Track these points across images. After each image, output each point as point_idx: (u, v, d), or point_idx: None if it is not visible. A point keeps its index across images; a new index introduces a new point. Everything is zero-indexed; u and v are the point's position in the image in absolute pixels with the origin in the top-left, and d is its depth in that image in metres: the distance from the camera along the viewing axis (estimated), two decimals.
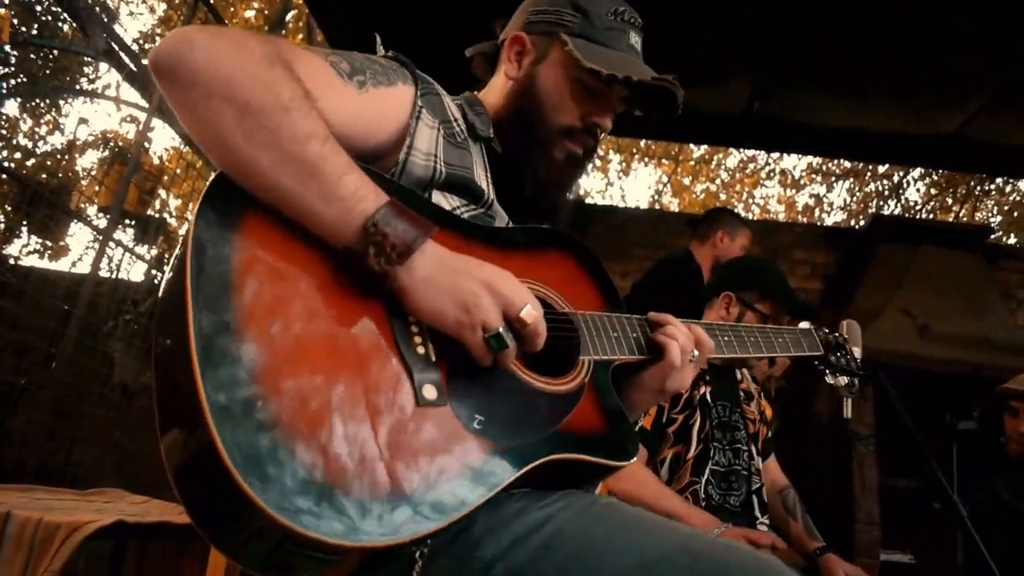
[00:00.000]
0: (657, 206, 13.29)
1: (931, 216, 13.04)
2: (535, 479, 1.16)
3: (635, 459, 1.27)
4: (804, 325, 1.90)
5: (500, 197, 1.51)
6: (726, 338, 1.58)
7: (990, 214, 13.10)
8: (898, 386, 2.45)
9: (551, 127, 1.49)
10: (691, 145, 13.15)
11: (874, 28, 4.52)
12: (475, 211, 1.40)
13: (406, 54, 1.43)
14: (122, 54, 4.93)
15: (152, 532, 2.31)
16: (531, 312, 1.13)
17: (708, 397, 2.72)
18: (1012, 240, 12.39)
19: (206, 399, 0.84)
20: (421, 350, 1.09)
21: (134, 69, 4.72)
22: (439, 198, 1.34)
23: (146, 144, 5.08)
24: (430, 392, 1.05)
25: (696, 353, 1.46)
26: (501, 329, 1.10)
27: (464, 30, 1.77)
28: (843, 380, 1.97)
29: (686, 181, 13.58)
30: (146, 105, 4.83)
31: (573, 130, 1.50)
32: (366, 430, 0.94)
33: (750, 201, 14.11)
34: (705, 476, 2.55)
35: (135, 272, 14.23)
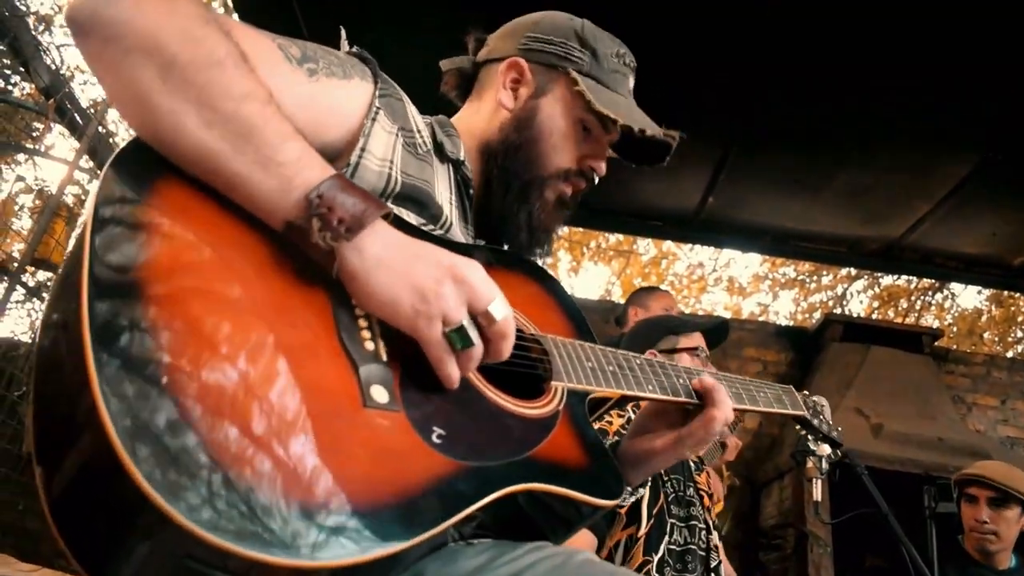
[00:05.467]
0: None
1: None
2: (500, 520, 0.98)
3: (619, 501, 1.09)
4: (785, 387, 1.75)
5: (477, 231, 1.40)
6: None
7: (930, 328, 13.39)
8: (855, 485, 2.34)
9: (549, 167, 1.38)
10: (639, 248, 13.33)
11: (828, 130, 4.64)
12: (431, 231, 1.26)
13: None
14: (73, 112, 4.76)
15: None
16: (501, 307, 0.96)
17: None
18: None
19: (99, 385, 0.65)
20: (370, 346, 0.92)
21: (78, 120, 4.54)
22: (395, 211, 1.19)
23: (82, 196, 4.84)
24: (380, 394, 0.87)
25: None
26: (465, 323, 0.92)
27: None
28: (826, 449, 1.81)
29: (636, 282, 13.66)
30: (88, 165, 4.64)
31: (569, 172, 1.40)
32: (296, 427, 0.76)
33: (697, 307, 14.21)
34: (660, 554, 2.33)
35: None
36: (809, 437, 1.79)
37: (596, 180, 1.44)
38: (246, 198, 0.90)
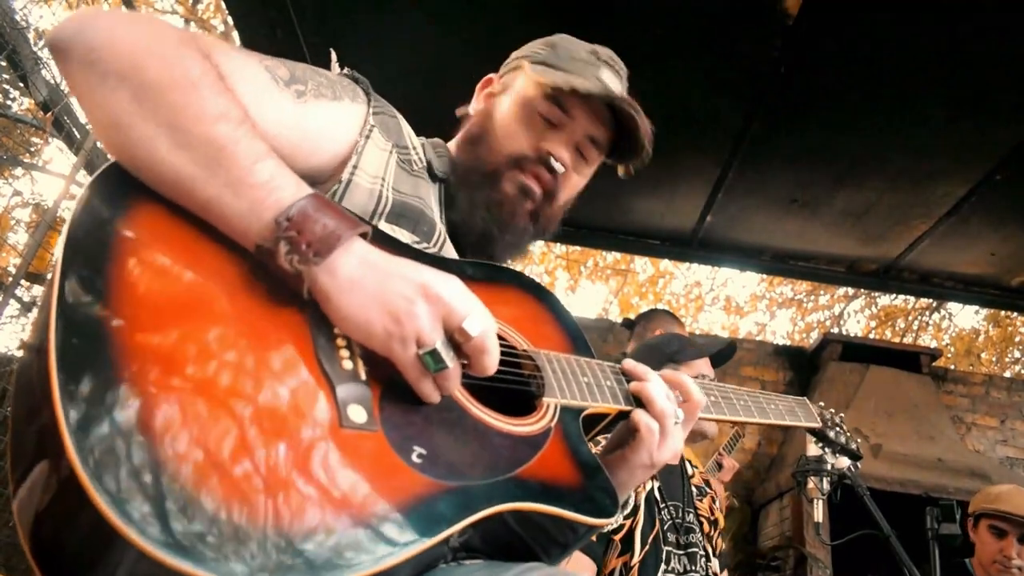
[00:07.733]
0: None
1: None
2: (491, 541, 0.94)
3: (612, 520, 1.05)
4: (799, 398, 1.69)
5: (452, 240, 1.36)
6: (712, 398, 1.38)
7: (929, 347, 13.34)
8: (855, 505, 2.30)
9: (500, 155, 1.34)
10: (636, 267, 13.32)
11: (827, 150, 4.63)
12: (425, 248, 1.24)
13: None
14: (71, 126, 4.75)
15: None
16: (477, 322, 0.92)
17: (656, 494, 2.48)
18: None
19: (62, 409, 0.64)
20: (348, 365, 0.90)
21: (77, 136, 4.54)
22: (388, 231, 1.17)
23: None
24: (357, 414, 0.85)
25: (681, 414, 1.25)
26: (438, 344, 0.90)
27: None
28: (844, 461, 1.78)
29: (634, 301, 13.65)
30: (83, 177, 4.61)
31: (524, 159, 1.33)
32: (269, 450, 0.74)
33: (695, 326, 14.17)
34: None
35: None
36: (826, 450, 1.74)
37: (558, 168, 1.33)
38: (219, 220, 0.89)
